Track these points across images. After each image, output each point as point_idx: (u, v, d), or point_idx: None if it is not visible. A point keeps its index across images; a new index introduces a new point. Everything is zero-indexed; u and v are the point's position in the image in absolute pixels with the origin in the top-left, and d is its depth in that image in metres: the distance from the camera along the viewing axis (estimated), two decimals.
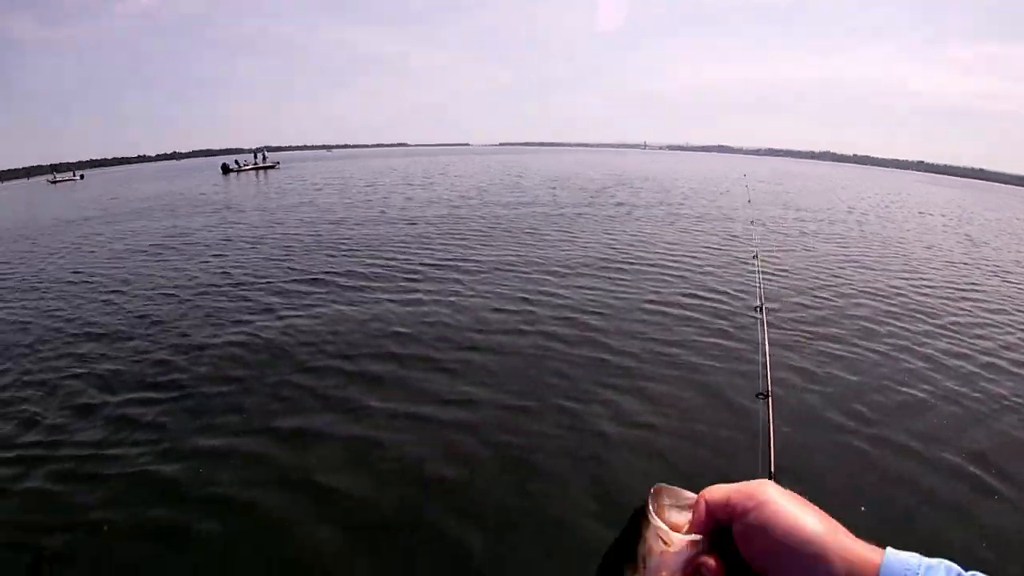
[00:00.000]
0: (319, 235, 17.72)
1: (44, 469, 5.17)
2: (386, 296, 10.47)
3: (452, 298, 10.22)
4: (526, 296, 10.30)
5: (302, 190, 36.09)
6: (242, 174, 61.16)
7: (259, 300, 10.50)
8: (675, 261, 13.32)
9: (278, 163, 76.00)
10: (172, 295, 11.11)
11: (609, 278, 11.61)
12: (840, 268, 13.35)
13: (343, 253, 14.74)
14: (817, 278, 12.00)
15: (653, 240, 16.41)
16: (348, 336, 8.37)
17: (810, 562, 0.49)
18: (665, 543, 0.56)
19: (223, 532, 4.29)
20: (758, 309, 4.87)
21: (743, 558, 0.54)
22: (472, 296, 10.37)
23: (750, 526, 0.53)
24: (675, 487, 0.61)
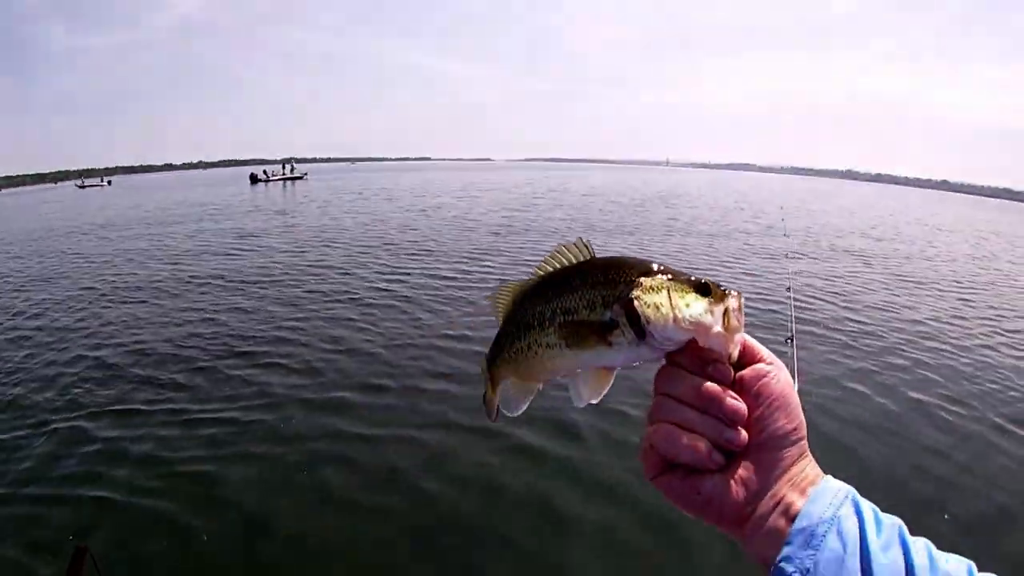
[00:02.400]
0: (393, 240, 18.44)
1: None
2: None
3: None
4: None
5: (348, 199, 36.41)
6: (270, 184, 60.84)
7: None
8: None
9: (306, 174, 75.66)
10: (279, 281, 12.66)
11: None
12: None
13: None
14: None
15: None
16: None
17: (794, 422, 0.57)
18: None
19: None
20: (788, 340, 4.80)
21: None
22: None
23: (761, 372, 0.58)
24: None
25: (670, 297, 0.59)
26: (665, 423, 0.57)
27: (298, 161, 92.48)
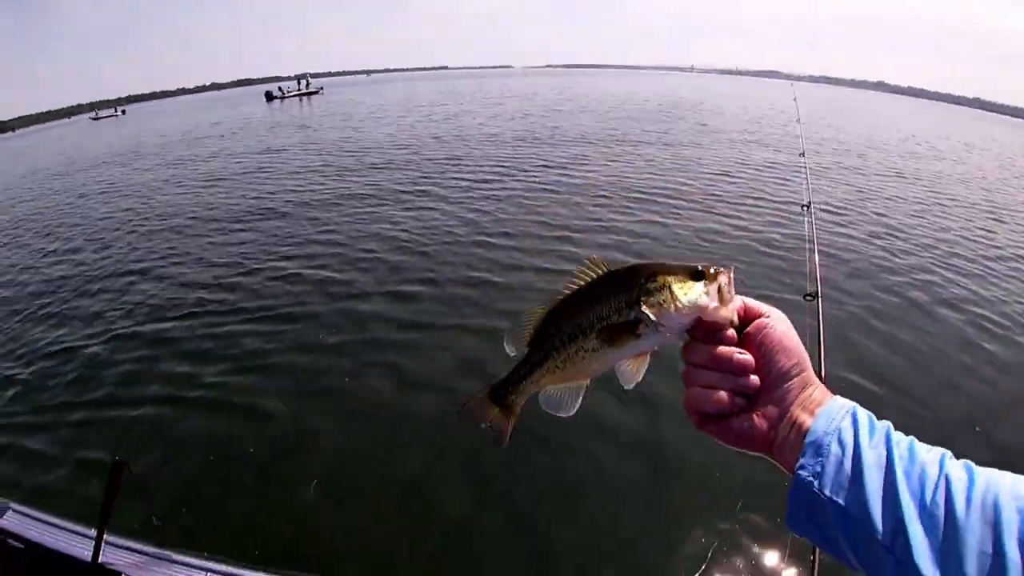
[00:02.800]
0: (421, 149, 17.93)
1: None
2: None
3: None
4: None
5: (368, 111, 35.57)
6: (286, 101, 59.20)
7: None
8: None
9: (321, 88, 72.94)
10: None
11: None
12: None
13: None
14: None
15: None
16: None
17: (793, 359, 0.69)
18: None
19: None
20: (805, 207, 4.54)
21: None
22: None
23: (761, 325, 0.70)
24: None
25: (671, 292, 0.72)
26: (694, 387, 0.72)
27: (313, 76, 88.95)
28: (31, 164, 26.71)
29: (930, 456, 0.60)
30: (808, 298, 3.27)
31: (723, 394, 0.69)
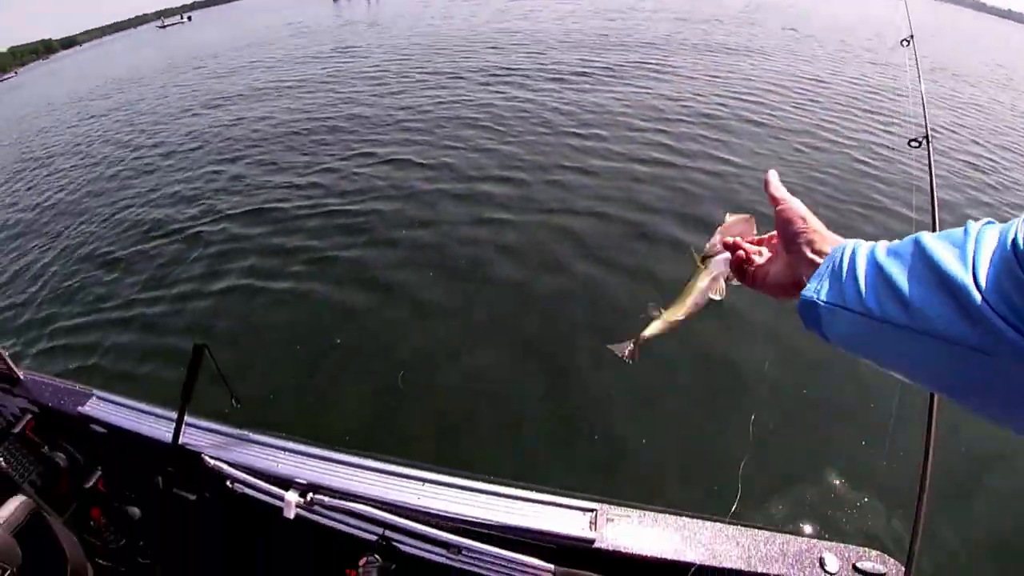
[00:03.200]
0: (499, 43, 17.30)
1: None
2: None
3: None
4: None
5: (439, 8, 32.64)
6: (352, 0, 57.19)
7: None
8: None
9: None
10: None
11: None
12: None
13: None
14: None
15: None
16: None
17: (800, 223, 0.83)
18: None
19: None
20: (906, 41, 3.86)
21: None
22: None
23: (779, 208, 0.86)
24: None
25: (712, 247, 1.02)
26: (738, 265, 0.96)
27: None
28: (111, 72, 27.47)
29: (903, 244, 0.65)
30: (914, 143, 3.00)
31: (751, 255, 0.95)
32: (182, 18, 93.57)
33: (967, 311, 0.51)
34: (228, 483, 1.92)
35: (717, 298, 1.03)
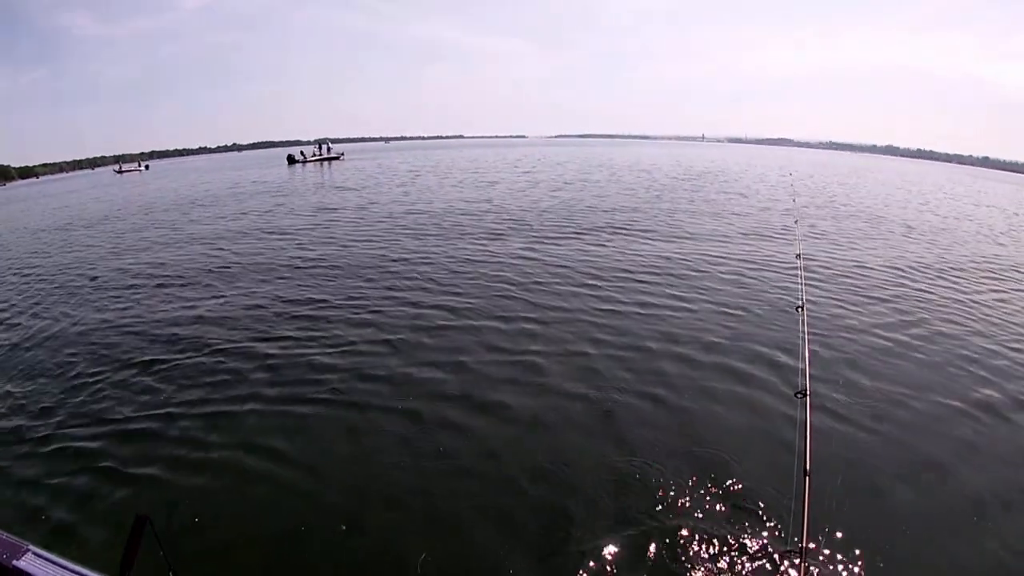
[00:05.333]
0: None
1: None
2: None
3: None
4: None
5: (392, 177, 37.69)
6: (308, 165, 61.14)
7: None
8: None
9: (342, 154, 75.20)
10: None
11: None
12: None
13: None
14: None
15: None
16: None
17: None
18: None
19: None
20: (799, 308, 4.88)
21: None
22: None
23: None
24: None
25: None
26: None
27: (332, 141, 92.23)
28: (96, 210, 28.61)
29: None
30: (799, 395, 3.42)
31: None
32: (139, 165, 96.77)
33: None
34: None
35: None
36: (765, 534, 4.12)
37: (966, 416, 6.08)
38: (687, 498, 4.56)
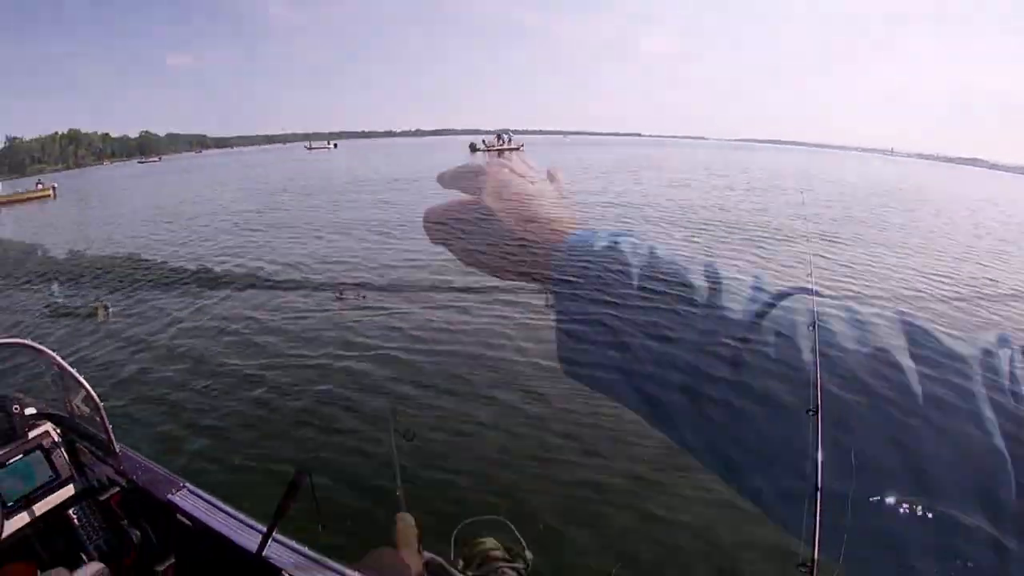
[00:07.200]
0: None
1: None
2: None
3: None
4: None
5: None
6: (488, 154, 59.03)
7: None
8: None
9: (522, 145, 73.23)
10: None
11: None
12: None
13: None
14: None
15: None
16: None
17: None
18: None
19: None
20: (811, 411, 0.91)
21: None
22: None
23: None
24: None
25: None
26: None
27: (514, 132, 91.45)
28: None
29: None
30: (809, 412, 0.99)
31: None
32: (328, 144, 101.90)
33: None
34: None
35: None
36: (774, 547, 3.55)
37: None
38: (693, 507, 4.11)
